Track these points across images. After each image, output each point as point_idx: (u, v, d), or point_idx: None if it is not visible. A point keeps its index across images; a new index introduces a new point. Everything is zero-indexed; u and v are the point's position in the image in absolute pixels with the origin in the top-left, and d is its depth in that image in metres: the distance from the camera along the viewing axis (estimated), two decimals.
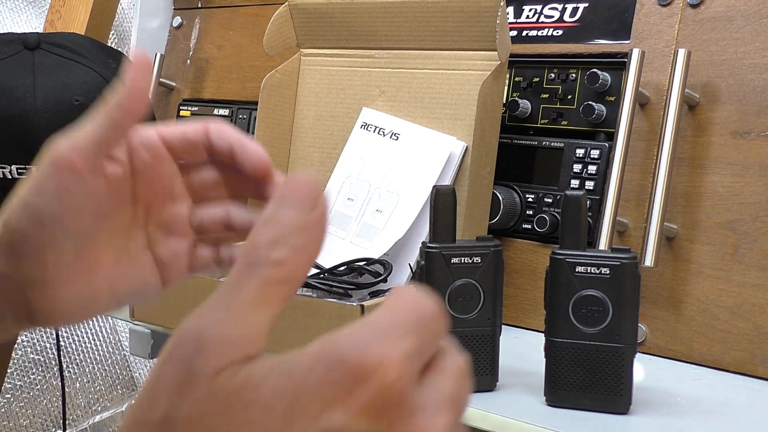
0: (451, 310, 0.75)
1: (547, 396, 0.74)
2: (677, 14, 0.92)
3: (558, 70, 1.00)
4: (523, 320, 0.98)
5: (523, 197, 1.00)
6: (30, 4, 1.58)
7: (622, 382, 0.72)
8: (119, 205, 0.49)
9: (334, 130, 1.11)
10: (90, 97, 1.08)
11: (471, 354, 0.76)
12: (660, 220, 0.84)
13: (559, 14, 1.01)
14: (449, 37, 1.01)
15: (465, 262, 0.75)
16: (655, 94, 0.92)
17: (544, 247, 0.97)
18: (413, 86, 1.05)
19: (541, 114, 1.01)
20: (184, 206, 0.51)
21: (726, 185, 0.86)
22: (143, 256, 0.50)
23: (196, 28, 1.42)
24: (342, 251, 1.00)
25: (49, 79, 1.07)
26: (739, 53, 0.87)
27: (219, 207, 0.52)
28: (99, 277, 0.48)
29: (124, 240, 0.49)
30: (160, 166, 0.49)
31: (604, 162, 0.94)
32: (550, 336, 0.74)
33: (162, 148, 0.50)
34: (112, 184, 0.48)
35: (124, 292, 0.50)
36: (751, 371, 0.83)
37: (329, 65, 1.13)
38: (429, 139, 1.00)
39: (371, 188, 1.02)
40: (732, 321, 0.84)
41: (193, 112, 1.38)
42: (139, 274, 0.50)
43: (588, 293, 0.72)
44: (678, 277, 0.88)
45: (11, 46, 1.10)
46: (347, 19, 1.09)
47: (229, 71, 1.36)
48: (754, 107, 0.86)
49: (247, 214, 0.52)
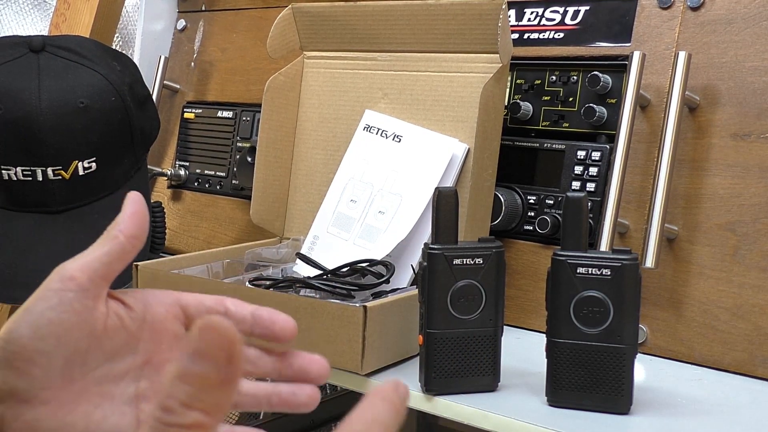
0: (453, 310, 0.75)
1: (549, 396, 0.75)
2: (678, 17, 0.92)
3: (559, 73, 1.00)
4: (524, 321, 0.98)
5: (525, 199, 1.00)
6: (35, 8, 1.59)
7: (623, 382, 0.72)
8: (119, 349, 0.50)
9: (337, 132, 1.12)
10: (95, 100, 1.09)
11: (473, 354, 0.76)
12: (661, 221, 0.85)
13: (561, 17, 1.02)
14: (451, 39, 1.02)
15: (467, 264, 0.76)
16: (656, 96, 0.92)
17: (546, 249, 0.98)
18: (416, 88, 1.06)
19: (543, 116, 1.01)
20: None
21: (726, 187, 0.86)
22: (126, 409, 0.50)
23: (200, 30, 1.43)
24: (345, 252, 1.01)
25: (54, 81, 1.08)
26: (739, 56, 0.88)
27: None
28: (77, 413, 0.48)
29: (112, 387, 0.50)
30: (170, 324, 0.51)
31: (605, 164, 0.94)
32: (552, 337, 0.74)
33: (177, 307, 0.52)
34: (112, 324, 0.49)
35: None
36: (751, 372, 0.83)
37: (332, 68, 1.14)
38: (431, 141, 1.01)
39: (374, 190, 1.03)
40: (732, 322, 0.84)
41: (197, 114, 1.39)
42: (115, 425, 0.50)
43: (589, 294, 0.72)
44: (678, 278, 0.88)
45: (16, 48, 1.10)
46: (350, 22, 1.09)
47: (232, 74, 1.37)
48: (754, 109, 0.86)
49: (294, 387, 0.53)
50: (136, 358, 0.51)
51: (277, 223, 1.15)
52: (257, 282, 0.95)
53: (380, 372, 0.82)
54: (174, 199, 1.40)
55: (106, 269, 0.49)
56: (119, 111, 1.11)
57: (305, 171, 1.15)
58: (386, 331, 0.81)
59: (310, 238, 1.06)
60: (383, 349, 0.82)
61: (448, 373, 0.76)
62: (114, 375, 0.50)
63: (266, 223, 1.13)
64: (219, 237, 1.31)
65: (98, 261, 0.48)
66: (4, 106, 1.06)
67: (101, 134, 1.10)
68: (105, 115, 1.10)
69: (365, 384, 0.81)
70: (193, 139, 1.39)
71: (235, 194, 1.31)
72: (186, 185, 1.39)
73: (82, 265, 0.48)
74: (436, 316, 0.75)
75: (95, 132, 1.09)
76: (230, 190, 1.32)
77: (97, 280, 0.48)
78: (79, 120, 1.07)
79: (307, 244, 1.06)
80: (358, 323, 0.78)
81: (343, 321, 0.79)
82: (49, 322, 0.47)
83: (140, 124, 1.15)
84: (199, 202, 1.36)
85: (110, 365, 0.50)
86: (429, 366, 0.76)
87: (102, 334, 0.49)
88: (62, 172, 1.08)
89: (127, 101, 1.12)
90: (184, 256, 1.00)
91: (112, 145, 1.11)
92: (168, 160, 1.42)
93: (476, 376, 0.77)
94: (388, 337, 0.82)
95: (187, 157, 1.39)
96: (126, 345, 0.50)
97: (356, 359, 0.79)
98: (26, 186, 1.07)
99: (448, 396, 0.76)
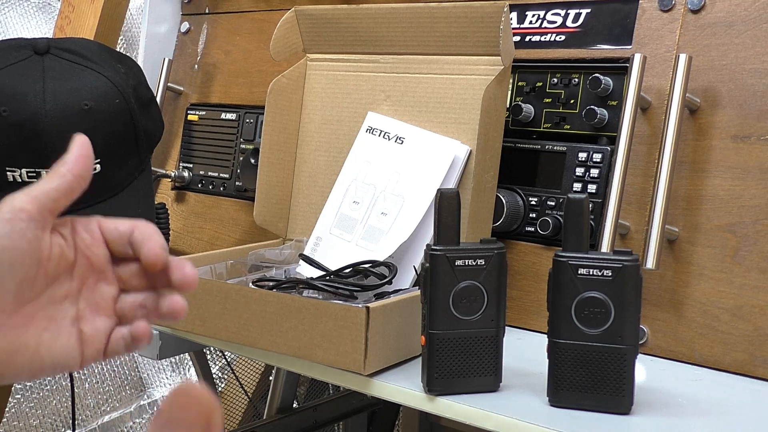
0: (455, 311, 0.76)
1: (550, 396, 0.75)
2: (678, 20, 0.93)
3: (561, 75, 1.01)
4: (526, 322, 0.99)
5: (527, 200, 1.01)
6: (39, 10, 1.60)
7: (624, 382, 0.73)
8: (59, 275, 0.54)
9: (339, 134, 1.12)
10: (99, 102, 1.09)
11: (475, 355, 0.77)
12: (661, 222, 0.85)
13: (562, 20, 1.02)
14: (453, 42, 1.02)
15: (469, 265, 0.76)
16: (657, 98, 0.93)
17: (547, 250, 0.98)
18: (418, 91, 1.06)
19: (544, 118, 1.02)
20: (113, 290, 0.56)
21: (726, 188, 0.87)
22: (69, 329, 0.55)
23: (204, 33, 1.44)
24: (347, 253, 1.01)
25: (59, 83, 1.08)
26: (739, 58, 0.88)
27: (138, 295, 0.57)
28: (28, 335, 0.52)
29: (56, 309, 0.54)
30: (96, 249, 0.56)
31: (606, 165, 0.95)
32: (553, 337, 0.75)
33: (99, 233, 0.56)
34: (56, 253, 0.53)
35: (45, 357, 0.53)
36: (751, 372, 0.83)
37: (335, 70, 1.14)
38: (433, 143, 1.01)
39: (376, 191, 1.03)
40: (732, 322, 0.85)
41: (200, 116, 1.39)
42: (63, 345, 0.54)
43: (590, 295, 0.73)
44: (679, 279, 0.88)
45: (21, 51, 1.11)
46: (353, 25, 1.10)
47: (236, 76, 1.37)
48: (754, 111, 0.86)
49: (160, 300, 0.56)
50: (73, 283, 0.55)
51: (280, 225, 1.15)
52: (260, 283, 0.96)
53: (383, 372, 0.82)
54: (178, 200, 1.41)
55: (53, 204, 0.53)
56: (123, 113, 1.12)
57: (308, 172, 1.15)
58: (388, 331, 0.82)
59: (313, 240, 1.06)
60: (386, 350, 0.82)
61: (450, 374, 0.77)
62: (55, 298, 0.54)
63: (269, 224, 1.14)
64: (222, 238, 1.32)
65: (47, 195, 0.53)
66: (9, 109, 1.06)
67: (105, 136, 1.10)
68: (109, 117, 1.10)
69: (368, 384, 0.81)
70: (197, 141, 1.39)
71: (239, 196, 1.32)
72: (190, 187, 1.39)
73: (32, 198, 0.52)
74: (438, 317, 0.76)
75: (99, 134, 1.10)
76: (234, 192, 1.33)
77: (45, 212, 0.52)
78: (83, 122, 1.08)
79: (310, 246, 1.06)
80: (360, 324, 0.79)
81: (345, 322, 0.80)
82: (2, 248, 0.50)
83: (144, 126, 1.16)
84: (202, 204, 1.37)
85: (52, 290, 0.54)
86: (431, 366, 0.76)
87: (46, 262, 0.53)
88: None
89: (131, 103, 1.12)
90: (187, 257, 1.01)
91: (117, 147, 1.12)
92: (172, 161, 1.43)
93: (478, 376, 0.77)
94: (390, 337, 0.82)
95: (190, 159, 1.40)
96: (64, 271, 0.54)
97: (359, 360, 0.79)
98: None
99: (450, 396, 0.77)
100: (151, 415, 2.00)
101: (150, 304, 0.56)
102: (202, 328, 0.91)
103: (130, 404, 1.96)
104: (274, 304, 0.85)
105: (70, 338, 0.54)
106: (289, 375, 1.60)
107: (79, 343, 0.54)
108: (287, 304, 0.84)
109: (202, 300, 0.91)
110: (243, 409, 2.16)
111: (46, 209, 0.52)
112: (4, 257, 0.50)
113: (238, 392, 2.14)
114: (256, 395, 2.13)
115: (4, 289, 0.51)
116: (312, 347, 0.83)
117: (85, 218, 0.56)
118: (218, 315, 0.89)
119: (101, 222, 0.56)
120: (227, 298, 0.89)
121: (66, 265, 0.54)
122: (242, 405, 2.16)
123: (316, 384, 2.10)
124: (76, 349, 0.54)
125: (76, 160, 0.55)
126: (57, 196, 0.53)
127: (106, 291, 0.56)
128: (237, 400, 2.17)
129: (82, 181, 0.54)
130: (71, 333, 0.54)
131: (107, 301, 0.56)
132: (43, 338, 0.53)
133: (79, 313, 0.55)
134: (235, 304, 0.88)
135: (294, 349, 0.84)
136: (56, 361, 0.54)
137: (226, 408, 2.14)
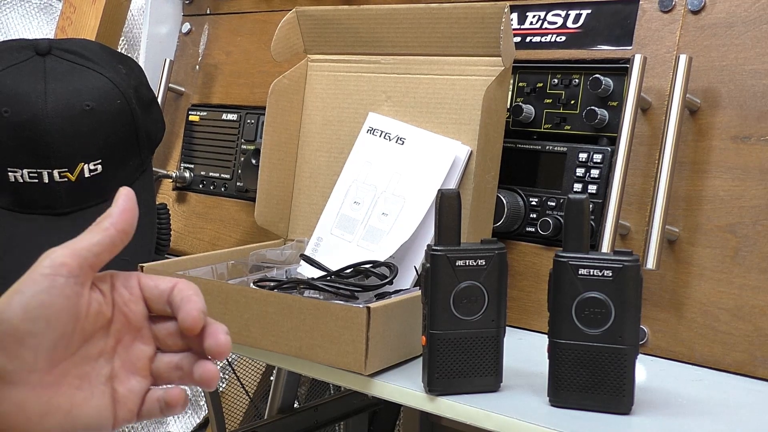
0: (455, 311, 0.76)
1: (551, 396, 0.75)
2: (678, 20, 0.93)
3: (561, 76, 1.01)
4: (527, 322, 0.99)
5: (527, 201, 1.01)
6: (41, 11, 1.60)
7: (625, 382, 0.73)
8: (96, 332, 0.52)
9: (340, 135, 1.13)
10: (100, 103, 1.10)
11: (475, 355, 0.77)
12: (662, 223, 0.85)
13: (563, 21, 1.03)
14: (454, 43, 1.02)
15: (470, 265, 0.76)
16: (657, 99, 0.93)
17: (548, 250, 0.99)
18: (419, 91, 1.06)
19: (545, 119, 1.02)
20: (149, 349, 0.54)
21: (727, 189, 0.87)
22: (103, 389, 0.52)
23: (205, 34, 1.44)
24: (348, 254, 1.01)
25: (60, 84, 1.08)
26: (739, 59, 0.88)
27: (175, 355, 0.55)
28: (61, 395, 0.50)
29: (91, 367, 0.52)
30: (134, 305, 0.54)
31: (606, 166, 0.95)
32: (554, 337, 0.75)
33: (138, 289, 0.54)
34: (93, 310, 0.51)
35: (78, 418, 0.51)
36: (751, 372, 0.84)
37: (336, 71, 1.14)
38: (434, 143, 1.02)
39: (377, 192, 1.04)
40: (732, 323, 0.85)
41: (201, 117, 1.40)
42: (96, 405, 0.52)
43: (591, 295, 0.73)
44: (679, 280, 0.89)
45: (23, 52, 1.11)
46: (354, 26, 1.10)
47: (237, 77, 1.38)
48: (754, 112, 0.87)
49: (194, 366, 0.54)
50: (109, 340, 0.53)
51: (281, 225, 1.15)
52: (261, 283, 0.96)
53: (383, 372, 0.82)
54: (179, 201, 1.41)
55: (95, 259, 0.51)
56: (125, 113, 1.12)
57: (309, 173, 1.15)
58: (389, 332, 0.82)
59: (314, 240, 1.06)
60: (386, 350, 0.82)
61: (451, 374, 0.77)
62: (90, 356, 0.52)
63: (270, 224, 1.14)
64: (223, 239, 1.32)
65: (88, 250, 0.51)
66: (11, 109, 1.06)
67: (107, 136, 1.11)
68: (111, 118, 1.10)
69: (369, 384, 0.81)
70: (198, 142, 1.40)
71: (240, 196, 1.32)
72: (191, 187, 1.40)
73: (73, 252, 0.50)
74: (438, 317, 0.76)
75: (101, 134, 1.10)
76: (235, 192, 1.33)
77: (86, 268, 0.51)
78: (85, 122, 1.08)
79: (310, 246, 1.06)
80: (361, 324, 0.79)
81: (346, 322, 0.80)
82: (41, 304, 0.48)
83: (146, 127, 1.16)
84: (203, 204, 1.37)
85: (87, 347, 0.52)
86: (432, 366, 0.77)
87: (83, 319, 0.51)
88: (68, 174, 1.08)
89: (132, 104, 1.13)
90: (188, 258, 1.01)
91: (118, 148, 1.12)
92: (173, 162, 1.43)
93: (479, 376, 0.77)
94: (391, 337, 0.82)
95: (192, 160, 1.40)
96: (101, 328, 0.53)
97: (360, 360, 0.79)
98: (32, 188, 1.08)
99: (450, 396, 0.77)
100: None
101: (186, 366, 0.54)
102: None
103: None
104: (275, 304, 0.86)
105: (103, 398, 0.52)
106: (290, 375, 1.60)
107: (112, 404, 0.52)
108: (288, 304, 0.84)
109: (205, 301, 0.91)
110: (244, 409, 2.16)
111: (87, 264, 0.51)
112: (42, 314, 0.48)
113: (239, 392, 2.14)
114: (257, 395, 2.13)
115: (40, 347, 0.49)
116: (313, 347, 0.83)
117: (126, 273, 0.54)
118: (219, 315, 0.89)
119: (141, 278, 0.54)
120: (228, 298, 0.89)
121: (103, 322, 0.52)
122: (243, 405, 2.16)
123: (317, 384, 2.10)
124: (109, 410, 0.52)
125: (120, 213, 0.52)
126: (99, 251, 0.51)
127: (142, 350, 0.54)
128: (238, 400, 2.17)
129: (125, 236, 0.52)
130: (104, 393, 0.52)
131: (143, 360, 0.54)
132: (75, 399, 0.51)
133: (113, 372, 0.53)
134: (236, 304, 0.88)
135: (295, 350, 0.84)
136: (89, 423, 0.51)
137: (227, 408, 2.14)
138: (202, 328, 0.53)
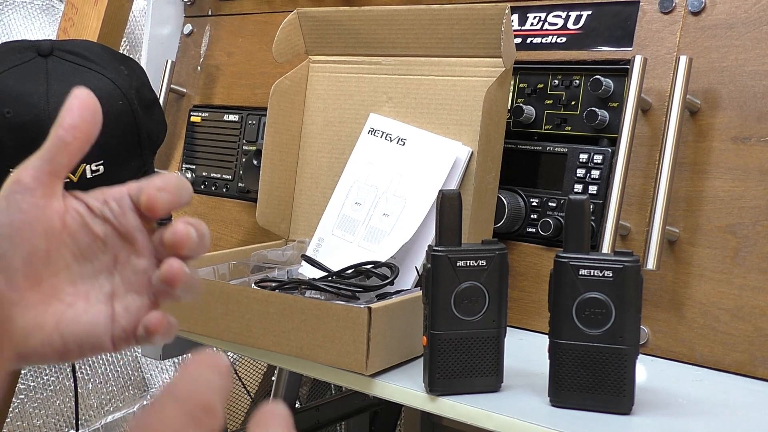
0: (456, 312, 0.76)
1: (551, 397, 0.75)
2: (679, 22, 0.93)
3: (562, 77, 1.01)
4: (527, 322, 0.99)
5: (528, 201, 1.01)
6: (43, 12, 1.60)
7: (625, 383, 0.73)
8: (89, 249, 0.50)
9: (342, 136, 1.13)
10: (102, 103, 1.09)
11: (476, 355, 0.77)
12: (662, 223, 0.85)
13: (563, 22, 1.03)
14: (455, 44, 1.03)
15: (470, 265, 0.77)
16: (657, 100, 0.93)
17: (548, 251, 0.99)
18: (420, 92, 1.06)
19: (545, 120, 1.02)
20: (145, 263, 0.52)
21: (727, 190, 0.87)
22: (101, 307, 0.51)
23: (207, 35, 1.44)
24: (350, 254, 1.01)
25: (63, 85, 1.08)
26: (739, 60, 0.89)
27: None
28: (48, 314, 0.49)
29: (89, 286, 0.51)
30: (125, 217, 0.51)
31: (607, 167, 0.95)
32: (554, 338, 0.75)
33: (128, 199, 0.52)
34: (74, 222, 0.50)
35: (70, 334, 0.49)
36: (751, 372, 0.84)
37: (337, 72, 1.15)
38: (435, 144, 1.02)
39: (378, 192, 1.04)
40: (733, 323, 0.85)
41: (203, 118, 1.40)
42: (87, 322, 0.50)
43: (591, 296, 0.73)
44: (679, 280, 0.89)
45: (25, 53, 1.11)
46: (355, 27, 1.10)
47: (238, 78, 1.38)
48: (754, 113, 0.87)
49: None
50: (106, 257, 0.51)
51: (282, 226, 1.16)
52: (263, 283, 0.96)
53: (385, 372, 0.83)
54: None
55: (49, 165, 0.49)
56: (127, 114, 1.12)
57: (310, 174, 1.16)
58: (390, 332, 0.82)
59: (315, 240, 1.07)
60: (387, 350, 0.82)
61: (452, 374, 0.77)
62: (86, 274, 0.50)
63: (272, 225, 1.14)
64: (225, 239, 1.33)
65: (39, 158, 0.49)
66: (13, 110, 1.07)
67: (109, 137, 1.11)
68: (113, 119, 1.11)
69: (370, 385, 0.81)
70: (200, 143, 1.40)
71: (241, 197, 1.32)
72: (192, 188, 1.40)
73: (26, 166, 0.49)
74: (439, 318, 0.76)
75: (103, 135, 1.09)
76: (236, 193, 1.33)
77: (43, 178, 0.48)
78: None
79: (312, 246, 1.07)
80: (362, 324, 0.79)
81: (347, 322, 0.80)
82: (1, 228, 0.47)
83: (147, 128, 1.16)
84: (205, 205, 1.37)
85: (82, 265, 0.50)
86: (433, 367, 0.77)
87: (62, 232, 0.49)
88: (70, 174, 1.09)
89: (134, 105, 1.13)
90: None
91: (120, 149, 1.12)
92: (175, 163, 1.43)
93: (479, 376, 0.78)
94: (392, 338, 0.83)
95: (193, 160, 1.40)
96: (94, 244, 0.51)
97: (361, 360, 0.80)
98: None
99: (451, 396, 0.77)
100: None
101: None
102: (204, 329, 0.92)
103: (133, 404, 1.97)
104: (276, 304, 0.86)
105: (98, 316, 0.50)
106: (292, 375, 1.60)
107: (110, 321, 0.50)
108: (290, 304, 0.85)
109: (204, 301, 0.91)
110: (246, 410, 2.16)
111: (43, 173, 0.48)
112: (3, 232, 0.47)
113: (241, 392, 2.14)
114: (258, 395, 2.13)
115: (10, 266, 0.47)
116: (314, 348, 0.83)
117: (116, 188, 0.52)
118: (221, 315, 0.90)
119: (129, 186, 0.52)
120: (230, 298, 0.89)
121: (93, 237, 0.50)
122: (245, 405, 2.17)
123: (319, 384, 2.10)
124: (103, 326, 0.50)
125: (66, 110, 0.50)
126: (50, 155, 0.49)
127: (139, 264, 0.51)
128: (239, 400, 2.17)
129: (76, 131, 0.50)
130: (100, 311, 0.50)
131: (140, 275, 0.51)
132: (64, 316, 0.49)
133: (114, 289, 0.51)
134: (238, 304, 0.88)
135: (296, 350, 0.85)
136: (81, 340, 0.49)
137: (228, 408, 2.14)
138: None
